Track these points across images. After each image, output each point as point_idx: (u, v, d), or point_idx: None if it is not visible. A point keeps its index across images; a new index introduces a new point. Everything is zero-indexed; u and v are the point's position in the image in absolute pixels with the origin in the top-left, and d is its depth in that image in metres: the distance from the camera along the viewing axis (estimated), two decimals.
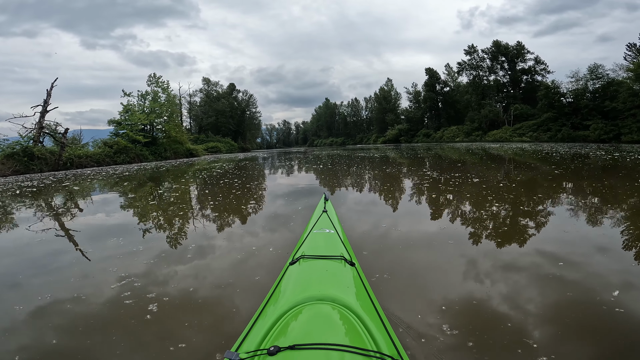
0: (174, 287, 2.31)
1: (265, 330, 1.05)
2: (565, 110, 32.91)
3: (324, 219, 2.37)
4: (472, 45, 50.75)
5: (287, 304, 1.16)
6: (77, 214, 5.38)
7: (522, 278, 2.23)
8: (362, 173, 10.34)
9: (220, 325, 1.83)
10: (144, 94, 26.43)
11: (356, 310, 1.13)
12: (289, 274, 1.50)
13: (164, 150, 25.47)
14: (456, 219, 3.97)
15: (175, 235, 3.75)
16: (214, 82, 60.01)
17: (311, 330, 1.00)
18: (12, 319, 1.96)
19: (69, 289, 2.33)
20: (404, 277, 2.35)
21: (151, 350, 1.63)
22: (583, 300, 1.91)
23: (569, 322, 1.69)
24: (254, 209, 5.10)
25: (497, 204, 4.55)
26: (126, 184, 9.65)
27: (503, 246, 2.94)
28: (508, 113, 41.27)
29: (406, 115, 64.02)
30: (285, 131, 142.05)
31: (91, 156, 19.30)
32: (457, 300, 1.94)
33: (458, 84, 57.85)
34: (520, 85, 47.18)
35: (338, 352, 0.88)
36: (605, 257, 2.58)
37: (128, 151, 21.28)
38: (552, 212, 4.06)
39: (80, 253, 3.21)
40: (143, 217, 4.85)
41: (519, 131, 37.09)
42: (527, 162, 11.06)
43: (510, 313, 1.80)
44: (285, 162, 17.90)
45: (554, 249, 2.75)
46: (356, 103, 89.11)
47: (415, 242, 3.13)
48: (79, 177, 12.69)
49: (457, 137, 46.34)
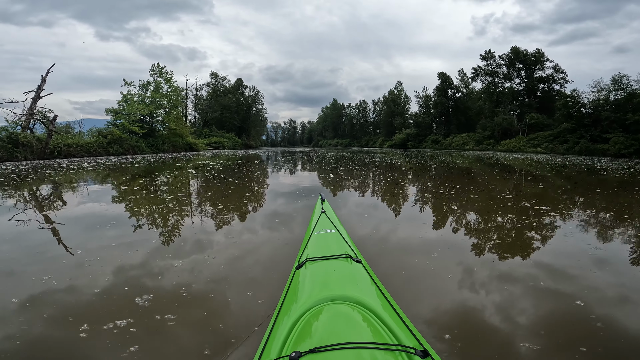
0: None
1: (283, 337, 1.02)
2: (584, 121, 31.59)
3: (323, 219, 2.33)
4: (489, 50, 49.46)
5: (301, 308, 1.15)
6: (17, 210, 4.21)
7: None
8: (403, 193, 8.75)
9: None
10: (146, 83, 25.27)
11: (371, 306, 1.13)
12: (297, 278, 1.49)
13: (162, 143, 24.29)
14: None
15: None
16: (222, 77, 58.99)
17: (329, 332, 0.99)
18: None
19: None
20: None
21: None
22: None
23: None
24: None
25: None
26: (95, 176, 8.49)
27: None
28: (523, 122, 39.71)
29: (415, 120, 62.62)
30: (291, 130, 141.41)
31: (82, 145, 18.24)
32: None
33: (470, 90, 56.50)
34: (536, 94, 45.87)
35: (359, 350, 0.86)
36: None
37: (123, 142, 20.17)
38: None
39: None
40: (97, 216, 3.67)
41: (533, 142, 35.62)
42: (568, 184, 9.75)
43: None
44: (286, 165, 16.70)
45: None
46: (364, 105, 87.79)
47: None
48: (59, 167, 11.58)
49: (468, 144, 44.84)
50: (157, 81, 26.13)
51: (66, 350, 1.54)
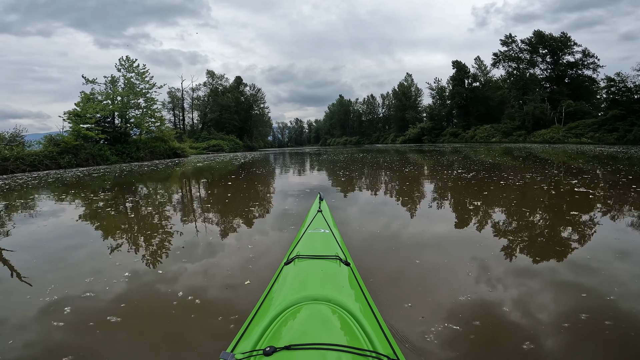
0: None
1: (260, 330, 1.02)
2: (634, 107, 26.96)
3: (319, 218, 2.28)
4: (509, 34, 44.43)
5: (282, 304, 1.14)
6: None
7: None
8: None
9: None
10: (112, 79, 21.14)
11: (352, 309, 1.12)
12: (284, 274, 1.47)
13: (136, 150, 20.29)
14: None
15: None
16: (219, 76, 54.95)
17: (307, 331, 0.98)
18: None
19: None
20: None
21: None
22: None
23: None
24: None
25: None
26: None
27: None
28: (557, 110, 34.68)
29: (429, 113, 57.72)
30: (298, 129, 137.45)
31: (24, 158, 14.33)
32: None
33: (489, 79, 51.45)
34: (564, 80, 40.79)
35: (333, 352, 0.86)
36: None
37: (78, 151, 16.18)
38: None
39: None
40: None
41: (574, 131, 30.67)
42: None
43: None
44: (287, 171, 12.35)
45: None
46: (372, 100, 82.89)
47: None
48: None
49: (494, 137, 39.92)
50: (127, 77, 22.02)
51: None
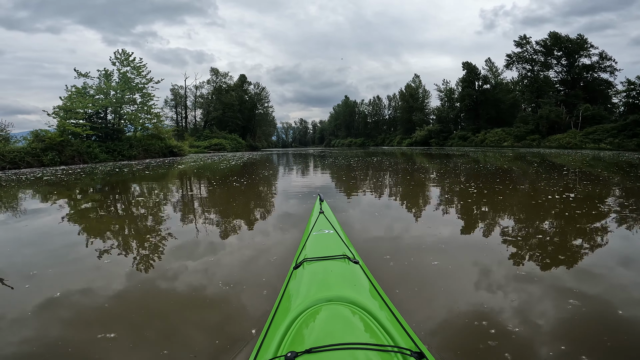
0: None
1: (279, 337, 1.01)
2: None
3: (321, 220, 2.26)
4: (524, 35, 42.79)
5: (297, 309, 1.13)
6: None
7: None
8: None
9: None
10: (106, 73, 20.13)
11: (368, 307, 1.11)
12: (294, 278, 1.47)
13: (129, 148, 19.26)
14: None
15: None
16: (223, 73, 53.90)
17: (326, 332, 0.97)
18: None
19: None
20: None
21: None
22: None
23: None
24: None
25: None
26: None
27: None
28: (574, 114, 33.11)
29: (437, 115, 56.18)
30: (302, 130, 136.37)
31: (3, 155, 13.28)
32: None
33: (500, 82, 49.88)
34: (580, 83, 39.20)
35: (355, 350, 0.86)
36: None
37: (63, 148, 15.12)
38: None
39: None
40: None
41: (592, 136, 29.13)
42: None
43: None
44: (287, 173, 11.08)
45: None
46: (378, 101, 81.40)
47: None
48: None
49: (505, 141, 38.36)
50: (122, 72, 20.92)
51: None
